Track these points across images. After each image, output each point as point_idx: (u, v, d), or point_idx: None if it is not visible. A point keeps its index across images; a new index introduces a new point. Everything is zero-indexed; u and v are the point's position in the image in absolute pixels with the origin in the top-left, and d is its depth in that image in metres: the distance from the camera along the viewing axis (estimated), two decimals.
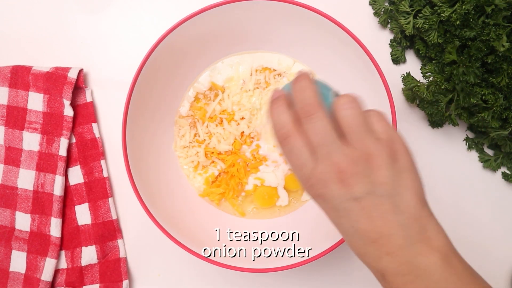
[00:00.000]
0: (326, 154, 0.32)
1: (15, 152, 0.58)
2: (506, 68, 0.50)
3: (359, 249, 0.33)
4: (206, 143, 0.57)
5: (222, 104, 0.57)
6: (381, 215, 0.31)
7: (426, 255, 0.31)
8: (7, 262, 0.57)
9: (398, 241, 0.31)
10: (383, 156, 0.31)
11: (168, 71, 0.54)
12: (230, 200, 0.57)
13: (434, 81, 0.53)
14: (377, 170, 0.31)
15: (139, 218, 0.58)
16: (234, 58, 0.58)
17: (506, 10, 0.49)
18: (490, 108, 0.52)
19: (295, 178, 0.56)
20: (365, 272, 0.59)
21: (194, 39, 0.53)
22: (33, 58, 0.61)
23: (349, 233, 0.33)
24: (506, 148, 0.57)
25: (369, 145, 0.32)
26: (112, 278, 0.57)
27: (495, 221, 0.59)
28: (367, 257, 0.33)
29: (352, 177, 0.31)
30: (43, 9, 0.61)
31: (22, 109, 0.58)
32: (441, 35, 0.52)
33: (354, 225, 0.32)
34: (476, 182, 0.59)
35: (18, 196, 0.57)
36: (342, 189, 0.31)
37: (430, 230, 0.31)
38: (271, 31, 0.55)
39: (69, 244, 0.58)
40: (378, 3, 0.59)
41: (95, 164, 0.58)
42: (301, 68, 0.58)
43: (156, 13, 0.61)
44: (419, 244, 0.31)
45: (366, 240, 0.32)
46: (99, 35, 0.61)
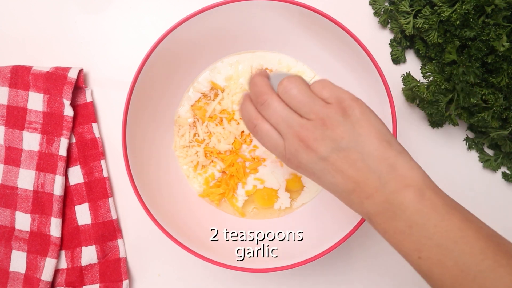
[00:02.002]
0: (287, 129, 0.36)
1: (15, 152, 0.58)
2: (506, 68, 0.50)
3: (345, 200, 0.36)
4: (206, 143, 0.57)
5: (222, 103, 0.57)
6: (350, 166, 0.34)
7: (399, 192, 0.33)
8: (7, 262, 0.57)
9: (372, 185, 0.34)
10: (335, 116, 0.35)
11: (168, 71, 0.54)
12: (230, 200, 0.57)
13: (434, 81, 0.53)
14: (333, 129, 0.34)
15: (139, 218, 0.58)
16: (234, 57, 0.58)
17: (506, 10, 0.49)
18: (490, 108, 0.52)
19: (296, 177, 0.57)
20: (365, 272, 0.59)
21: (194, 39, 0.53)
22: (33, 58, 0.61)
23: (332, 189, 0.36)
24: (506, 148, 0.57)
25: (319, 111, 0.35)
26: (112, 278, 0.57)
27: (495, 221, 0.59)
28: (353, 205, 0.36)
29: (314, 142, 0.34)
30: (43, 9, 0.61)
31: (22, 109, 0.58)
32: (441, 35, 0.52)
33: (332, 181, 0.35)
34: (476, 182, 0.59)
35: (18, 196, 0.57)
36: (310, 154, 0.35)
37: (400, 167, 0.34)
38: (271, 31, 0.55)
39: (69, 244, 0.58)
40: (378, 3, 0.59)
41: (95, 164, 0.58)
42: (301, 68, 0.58)
43: (156, 13, 0.61)
44: (391, 183, 0.33)
45: (346, 191, 0.35)
46: (99, 35, 0.61)
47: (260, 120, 0.37)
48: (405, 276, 0.59)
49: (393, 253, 0.59)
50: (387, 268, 0.59)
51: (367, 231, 0.58)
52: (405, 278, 0.59)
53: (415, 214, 0.33)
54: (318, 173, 0.35)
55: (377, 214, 0.34)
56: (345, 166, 0.34)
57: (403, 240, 0.33)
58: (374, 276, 0.59)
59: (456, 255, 0.32)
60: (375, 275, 0.59)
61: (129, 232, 0.59)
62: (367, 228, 0.58)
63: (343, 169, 0.34)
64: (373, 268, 0.59)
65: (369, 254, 0.59)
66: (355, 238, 0.58)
